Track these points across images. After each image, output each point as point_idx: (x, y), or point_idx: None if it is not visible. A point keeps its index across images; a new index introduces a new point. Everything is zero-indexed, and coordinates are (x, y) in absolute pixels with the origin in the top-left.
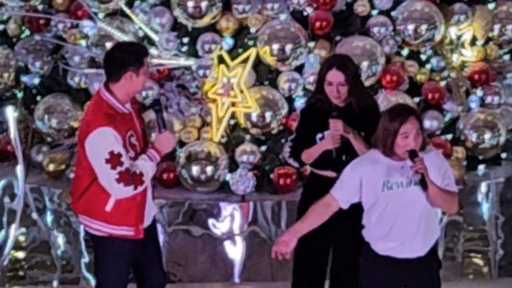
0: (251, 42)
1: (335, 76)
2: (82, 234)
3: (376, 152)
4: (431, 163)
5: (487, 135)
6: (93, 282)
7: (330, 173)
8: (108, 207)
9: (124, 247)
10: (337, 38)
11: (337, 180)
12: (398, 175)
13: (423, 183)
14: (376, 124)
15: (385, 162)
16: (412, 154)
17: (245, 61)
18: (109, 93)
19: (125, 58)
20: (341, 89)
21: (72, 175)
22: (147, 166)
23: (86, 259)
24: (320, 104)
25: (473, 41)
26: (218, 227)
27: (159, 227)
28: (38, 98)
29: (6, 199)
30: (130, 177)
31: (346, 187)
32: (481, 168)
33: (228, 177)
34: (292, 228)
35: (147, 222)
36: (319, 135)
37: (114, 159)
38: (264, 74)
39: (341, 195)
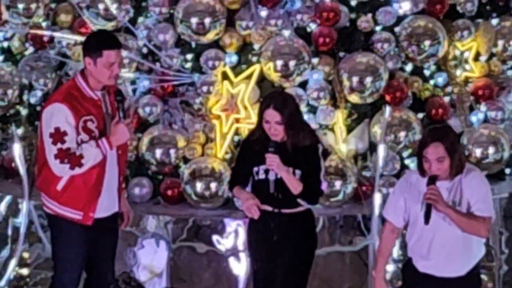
0: (254, 58)
1: (271, 115)
2: None
3: (416, 172)
4: (462, 185)
5: (490, 151)
6: None
7: (268, 207)
8: (59, 186)
9: (73, 231)
10: (341, 54)
11: (386, 203)
12: None
13: (428, 215)
14: (313, 164)
15: (424, 183)
16: (430, 180)
17: (248, 77)
18: (82, 77)
19: (86, 44)
20: (277, 128)
21: None
22: (90, 151)
23: None
24: (259, 138)
25: (476, 57)
26: (223, 243)
27: (163, 244)
28: None
29: (11, 216)
30: (67, 156)
31: (393, 206)
32: None
33: None
34: (376, 273)
35: (102, 213)
36: (255, 169)
37: (57, 135)
38: (268, 90)
39: (392, 215)
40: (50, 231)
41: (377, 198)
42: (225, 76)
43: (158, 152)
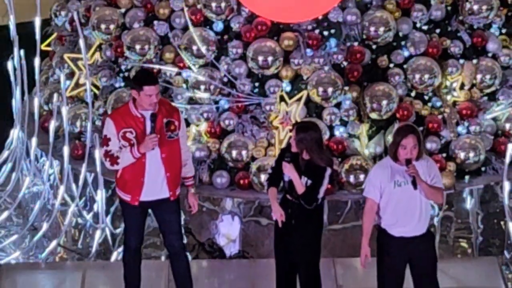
0: (303, 86)
1: (294, 133)
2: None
3: (388, 159)
4: (424, 167)
5: (471, 154)
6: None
7: (288, 196)
8: (118, 175)
9: (127, 209)
10: (365, 83)
11: (365, 183)
12: (403, 176)
13: (414, 183)
14: (318, 179)
15: (394, 167)
16: (408, 162)
17: (299, 99)
18: (132, 101)
19: (133, 80)
20: (293, 142)
21: None
22: (124, 155)
23: (184, 240)
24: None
25: (461, 86)
26: None
27: (237, 218)
28: None
29: None
30: (108, 156)
31: (373, 186)
32: (467, 178)
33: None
34: (363, 242)
35: (149, 198)
36: None
37: (104, 140)
38: (312, 109)
39: (373, 193)
40: None
41: None
42: (282, 99)
43: (234, 153)
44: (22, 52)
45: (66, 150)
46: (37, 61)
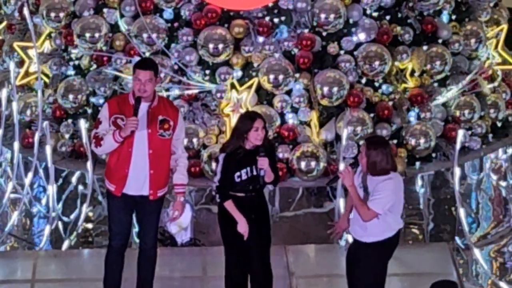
0: (254, 73)
1: (258, 123)
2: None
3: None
4: (375, 183)
5: (422, 140)
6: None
7: (242, 194)
8: (108, 165)
9: (112, 200)
10: (315, 70)
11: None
12: (359, 182)
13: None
14: (275, 156)
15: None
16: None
17: (250, 87)
18: (132, 90)
19: None
20: (263, 134)
21: None
22: (107, 137)
23: (136, 228)
24: (239, 150)
25: (412, 73)
26: None
27: (188, 206)
28: None
29: (80, 186)
30: (95, 138)
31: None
32: (418, 164)
33: None
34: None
35: (132, 192)
36: (237, 174)
37: (96, 123)
38: (263, 96)
39: None
40: None
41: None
42: (233, 86)
43: (185, 141)
44: None
45: (16, 139)
46: None
